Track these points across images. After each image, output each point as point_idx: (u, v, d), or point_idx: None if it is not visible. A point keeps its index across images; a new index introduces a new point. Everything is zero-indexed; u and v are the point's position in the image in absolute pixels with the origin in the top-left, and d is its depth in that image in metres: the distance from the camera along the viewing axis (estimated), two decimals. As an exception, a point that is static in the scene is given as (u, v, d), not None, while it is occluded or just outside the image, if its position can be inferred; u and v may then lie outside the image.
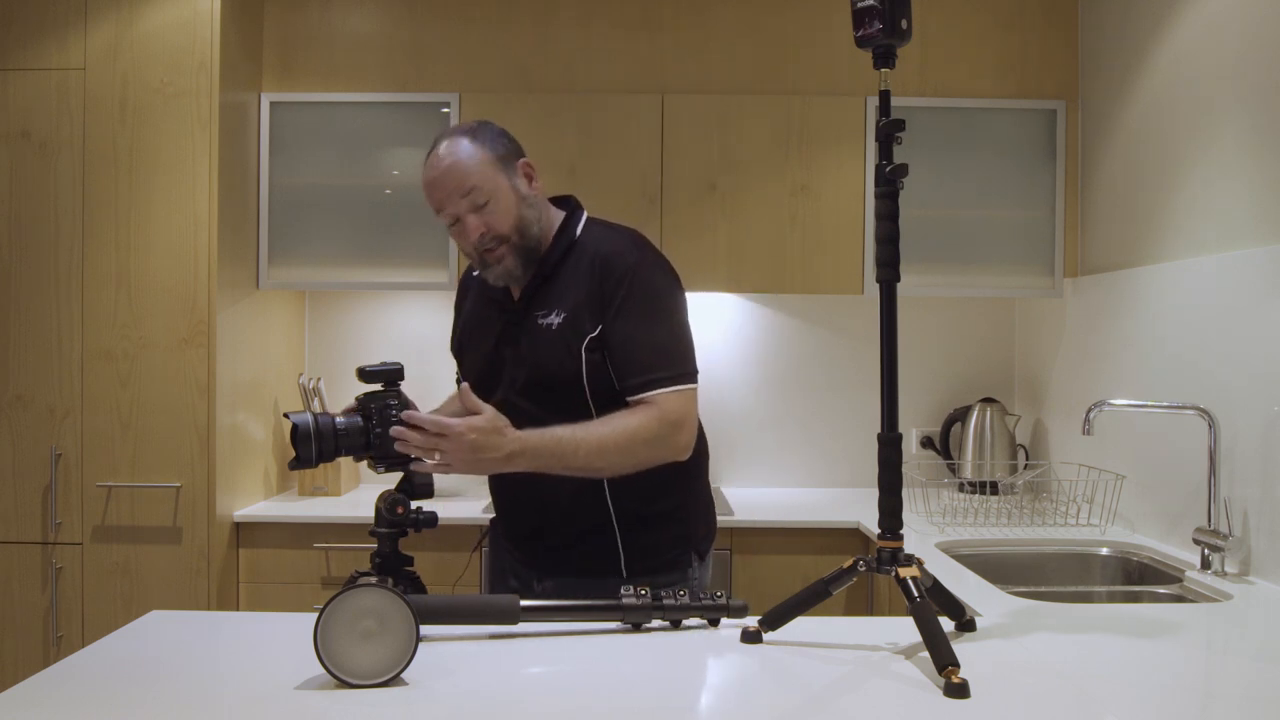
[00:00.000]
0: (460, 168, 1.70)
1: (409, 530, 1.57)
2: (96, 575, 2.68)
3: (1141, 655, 1.48)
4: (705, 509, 1.89)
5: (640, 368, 1.68)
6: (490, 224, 1.71)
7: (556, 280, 1.75)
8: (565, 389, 1.71)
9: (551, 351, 1.71)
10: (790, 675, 1.34)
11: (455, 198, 1.70)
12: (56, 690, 1.27)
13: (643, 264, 1.73)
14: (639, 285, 1.70)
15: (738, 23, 3.02)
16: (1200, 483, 2.18)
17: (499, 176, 1.71)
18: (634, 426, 1.64)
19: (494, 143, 1.74)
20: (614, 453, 1.63)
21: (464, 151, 1.71)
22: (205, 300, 2.68)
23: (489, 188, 1.70)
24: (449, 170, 1.70)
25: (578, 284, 1.73)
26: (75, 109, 2.68)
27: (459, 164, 1.70)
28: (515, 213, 1.72)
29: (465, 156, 1.70)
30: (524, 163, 1.77)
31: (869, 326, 3.30)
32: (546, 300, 1.74)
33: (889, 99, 1.46)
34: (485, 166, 1.71)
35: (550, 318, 1.72)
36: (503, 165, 1.73)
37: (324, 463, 1.57)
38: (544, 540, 1.81)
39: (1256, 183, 2.14)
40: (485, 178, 1.70)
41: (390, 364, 1.61)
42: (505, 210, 1.71)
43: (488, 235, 1.71)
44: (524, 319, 1.76)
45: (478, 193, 1.70)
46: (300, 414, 1.54)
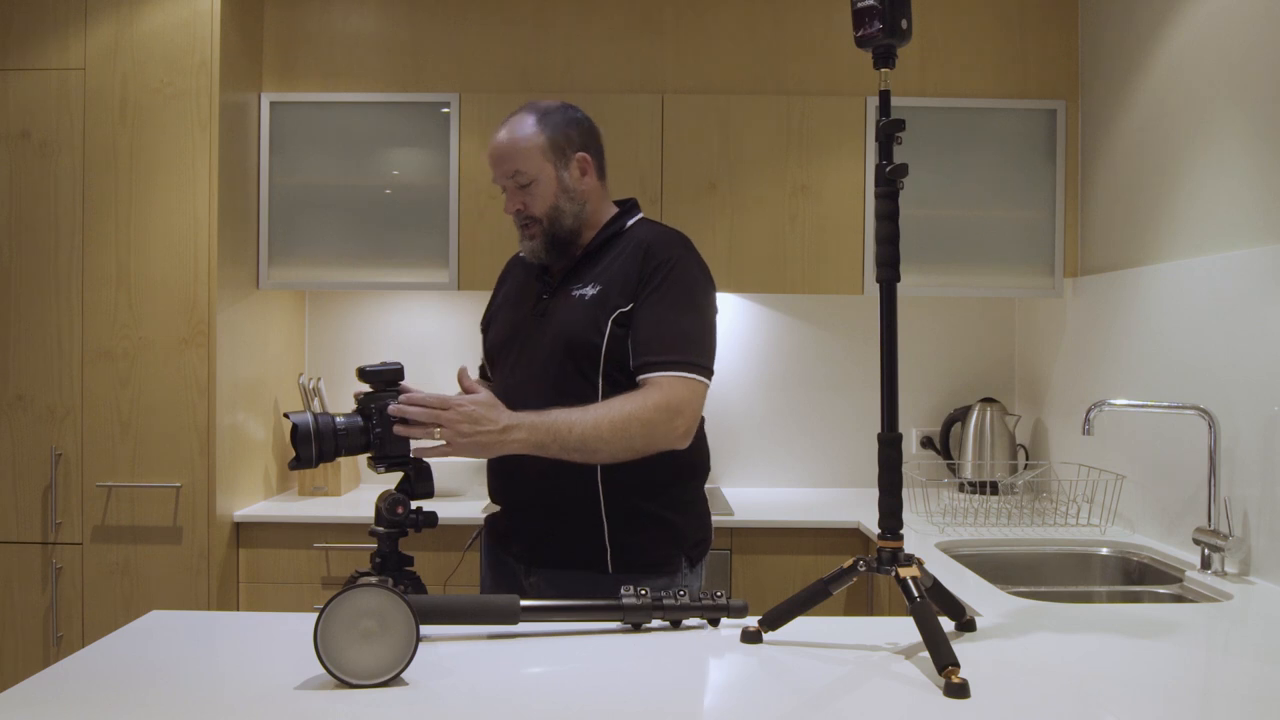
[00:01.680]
0: (512, 147, 1.79)
1: (409, 530, 1.57)
2: (96, 575, 2.68)
3: (1141, 655, 1.48)
4: (699, 515, 1.88)
5: (655, 348, 1.71)
6: (527, 204, 1.80)
7: (597, 261, 1.82)
8: (583, 358, 1.74)
9: (579, 319, 1.75)
10: (790, 675, 1.34)
11: (503, 172, 1.81)
12: (56, 690, 1.27)
13: (685, 257, 1.80)
14: (677, 273, 1.76)
15: (738, 23, 3.03)
16: (1200, 483, 2.18)
17: (546, 164, 1.80)
18: (631, 408, 1.65)
19: (556, 130, 1.81)
20: (609, 432, 1.64)
21: (523, 132, 1.80)
22: (205, 300, 2.68)
23: (532, 172, 1.79)
24: (504, 145, 1.80)
25: (617, 263, 1.79)
26: (75, 109, 2.68)
27: (514, 143, 1.79)
28: (552, 201, 1.80)
29: (521, 137, 1.79)
30: (582, 156, 1.83)
31: (869, 326, 3.30)
32: (583, 276, 1.81)
33: (889, 99, 1.45)
34: (535, 152, 1.79)
35: (584, 289, 1.78)
36: (554, 154, 1.80)
37: (324, 463, 1.57)
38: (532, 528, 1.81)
39: (1256, 183, 2.14)
40: (531, 162, 1.79)
41: (390, 364, 1.61)
42: (542, 196, 1.80)
43: (523, 213, 1.81)
44: (559, 292, 1.82)
45: (521, 175, 1.79)
46: (300, 414, 1.55)
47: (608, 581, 1.73)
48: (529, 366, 1.80)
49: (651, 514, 1.78)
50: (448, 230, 2.95)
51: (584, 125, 1.85)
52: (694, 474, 1.87)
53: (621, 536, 1.76)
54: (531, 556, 1.82)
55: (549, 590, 1.77)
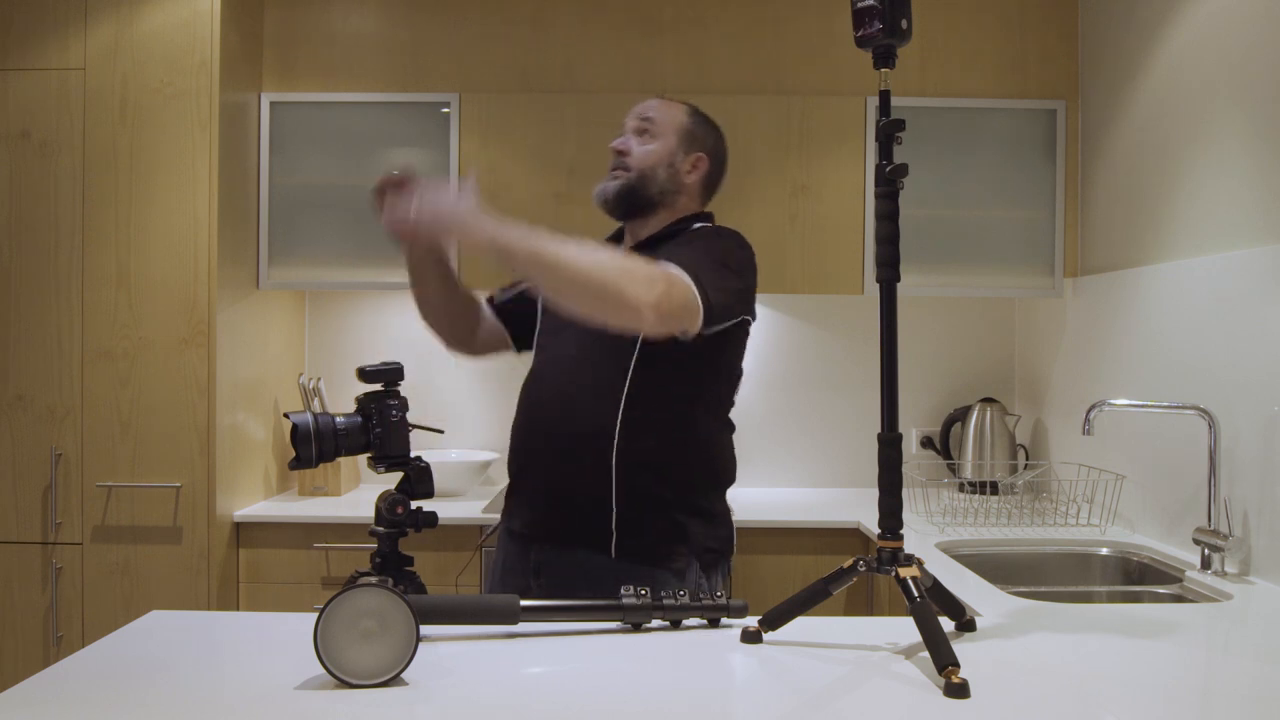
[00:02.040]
0: (659, 108, 1.89)
1: (409, 530, 1.57)
2: (96, 575, 2.68)
3: (1141, 655, 1.48)
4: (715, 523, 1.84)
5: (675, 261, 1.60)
6: (628, 150, 1.86)
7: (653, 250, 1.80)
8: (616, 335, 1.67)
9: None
10: (790, 675, 1.34)
11: (638, 113, 1.90)
12: (56, 690, 1.27)
13: (730, 234, 1.85)
14: (716, 240, 1.81)
15: (738, 23, 3.03)
16: (1200, 483, 2.18)
17: (672, 136, 1.87)
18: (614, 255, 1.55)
19: (698, 125, 1.90)
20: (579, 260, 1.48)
21: (677, 106, 1.91)
22: (205, 300, 2.68)
23: (658, 130, 1.86)
24: (652, 103, 1.91)
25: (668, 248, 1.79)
26: (75, 109, 2.68)
27: (662, 106, 1.90)
28: (652, 162, 1.85)
29: (672, 107, 1.90)
30: (698, 156, 1.89)
31: (869, 326, 3.30)
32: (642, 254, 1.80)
33: (889, 99, 1.45)
34: (671, 120, 1.88)
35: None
36: (684, 136, 1.88)
37: (324, 463, 1.57)
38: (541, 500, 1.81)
39: (1256, 183, 2.14)
40: (664, 124, 1.87)
41: (390, 364, 1.61)
42: (649, 154, 1.85)
43: (624, 155, 1.86)
44: None
45: (650, 123, 1.87)
46: (300, 414, 1.54)
47: (610, 565, 1.73)
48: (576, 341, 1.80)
49: (663, 508, 1.77)
50: (448, 230, 2.95)
51: (718, 142, 1.93)
52: (715, 481, 1.85)
53: (629, 523, 1.75)
54: (536, 531, 1.81)
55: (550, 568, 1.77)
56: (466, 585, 2.70)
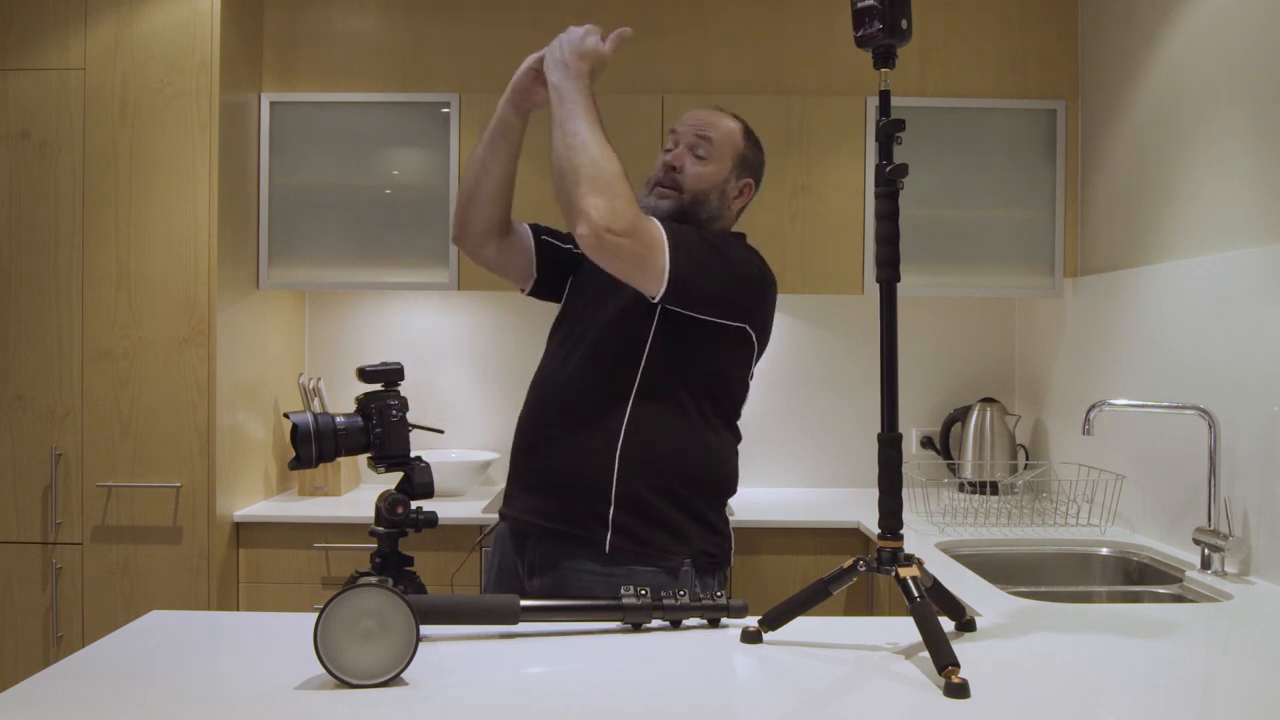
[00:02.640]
0: (719, 128, 1.85)
1: (409, 530, 1.57)
2: (96, 575, 2.68)
3: (1141, 655, 1.48)
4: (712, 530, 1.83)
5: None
6: (683, 168, 1.82)
7: None
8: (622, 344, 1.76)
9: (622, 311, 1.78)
10: (790, 675, 1.34)
11: (694, 128, 1.85)
12: (56, 690, 1.27)
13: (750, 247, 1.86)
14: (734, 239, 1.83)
15: (738, 23, 3.02)
16: (1200, 483, 2.18)
17: (727, 161, 1.85)
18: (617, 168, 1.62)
19: (751, 149, 1.90)
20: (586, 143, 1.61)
21: (733, 123, 1.88)
22: (205, 300, 2.68)
23: (714, 154, 1.84)
24: (712, 117, 1.86)
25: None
26: (75, 109, 2.68)
27: (723, 122, 1.86)
28: (704, 186, 1.84)
29: (732, 129, 1.87)
30: (747, 183, 1.89)
31: (869, 326, 3.30)
32: None
33: (889, 99, 1.45)
34: (730, 144, 1.86)
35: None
36: (737, 160, 1.87)
37: (324, 463, 1.57)
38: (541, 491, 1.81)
39: (1256, 183, 2.14)
40: (721, 148, 1.84)
41: (390, 364, 1.61)
42: (702, 176, 1.84)
43: (676, 172, 1.83)
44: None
45: (708, 146, 1.83)
46: (300, 414, 1.55)
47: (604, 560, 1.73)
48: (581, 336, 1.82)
49: (661, 509, 1.76)
50: (448, 230, 2.95)
51: (762, 164, 1.94)
52: (716, 489, 1.85)
53: (626, 519, 1.74)
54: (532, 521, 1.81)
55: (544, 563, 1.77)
56: (465, 585, 2.70)
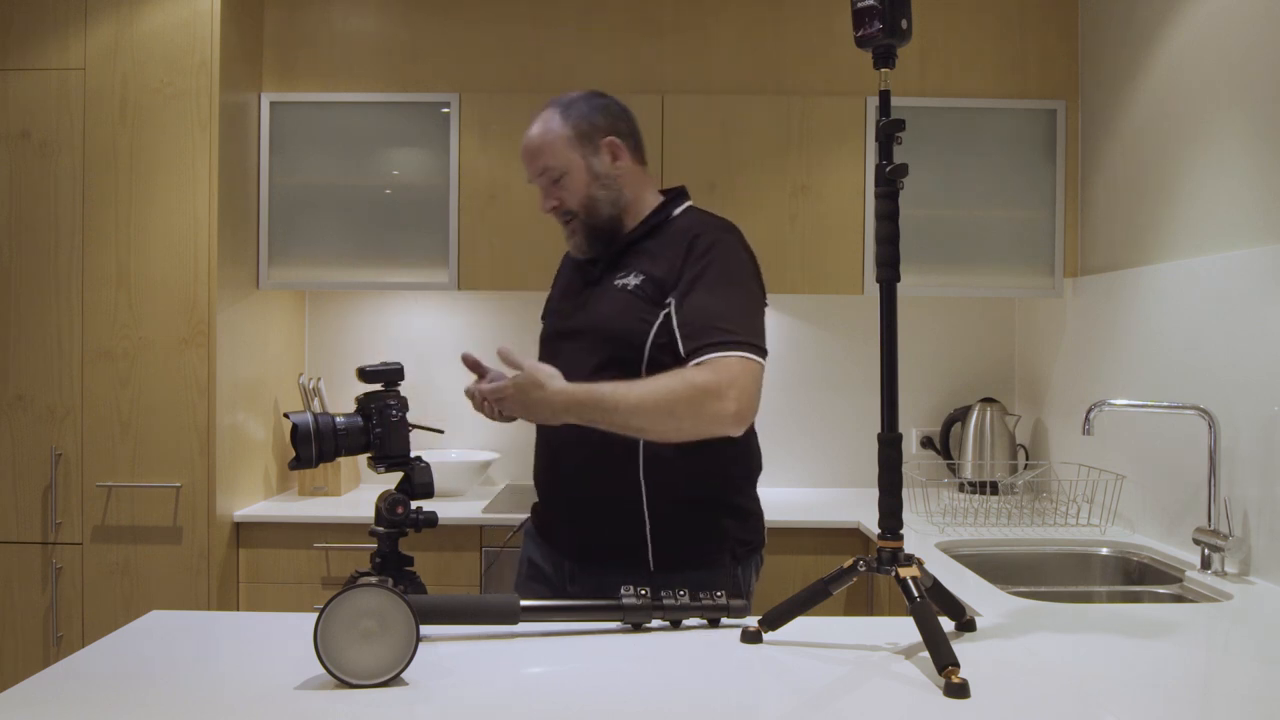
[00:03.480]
0: (540, 144, 1.81)
1: (409, 530, 1.57)
2: (96, 575, 2.68)
3: (1141, 655, 1.48)
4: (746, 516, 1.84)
5: (702, 330, 1.66)
6: (562, 199, 1.81)
7: (639, 250, 1.80)
8: (625, 348, 1.73)
9: (622, 310, 1.74)
10: (790, 675, 1.34)
11: (535, 170, 1.82)
12: (56, 690, 1.27)
13: (728, 240, 1.78)
14: (719, 254, 1.73)
15: (738, 23, 3.03)
16: (1200, 483, 2.18)
17: (574, 155, 1.80)
18: (676, 385, 1.60)
19: (580, 118, 1.81)
20: (653, 410, 1.59)
21: (549, 127, 1.81)
22: (205, 300, 2.68)
23: (561, 165, 1.80)
24: (532, 143, 1.82)
25: (660, 251, 1.77)
26: (75, 109, 2.68)
27: (541, 140, 1.81)
28: (585, 192, 1.80)
29: (548, 133, 1.80)
30: (610, 141, 1.81)
31: (869, 326, 3.30)
32: (626, 265, 1.79)
33: (889, 99, 1.45)
34: (560, 144, 1.80)
35: (627, 279, 1.76)
36: (581, 143, 1.80)
37: (324, 463, 1.57)
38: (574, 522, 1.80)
39: (1256, 183, 2.14)
40: (559, 156, 1.79)
41: (390, 364, 1.61)
42: (575, 188, 1.80)
43: (560, 209, 1.81)
44: (601, 282, 1.81)
45: (551, 170, 1.80)
46: (300, 414, 1.55)
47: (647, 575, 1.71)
48: (570, 358, 1.77)
49: (695, 512, 1.76)
50: (448, 230, 2.95)
51: (612, 109, 1.84)
52: (747, 473, 1.85)
53: (663, 533, 1.74)
54: (574, 550, 1.81)
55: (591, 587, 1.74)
56: (465, 585, 2.71)
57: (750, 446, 1.86)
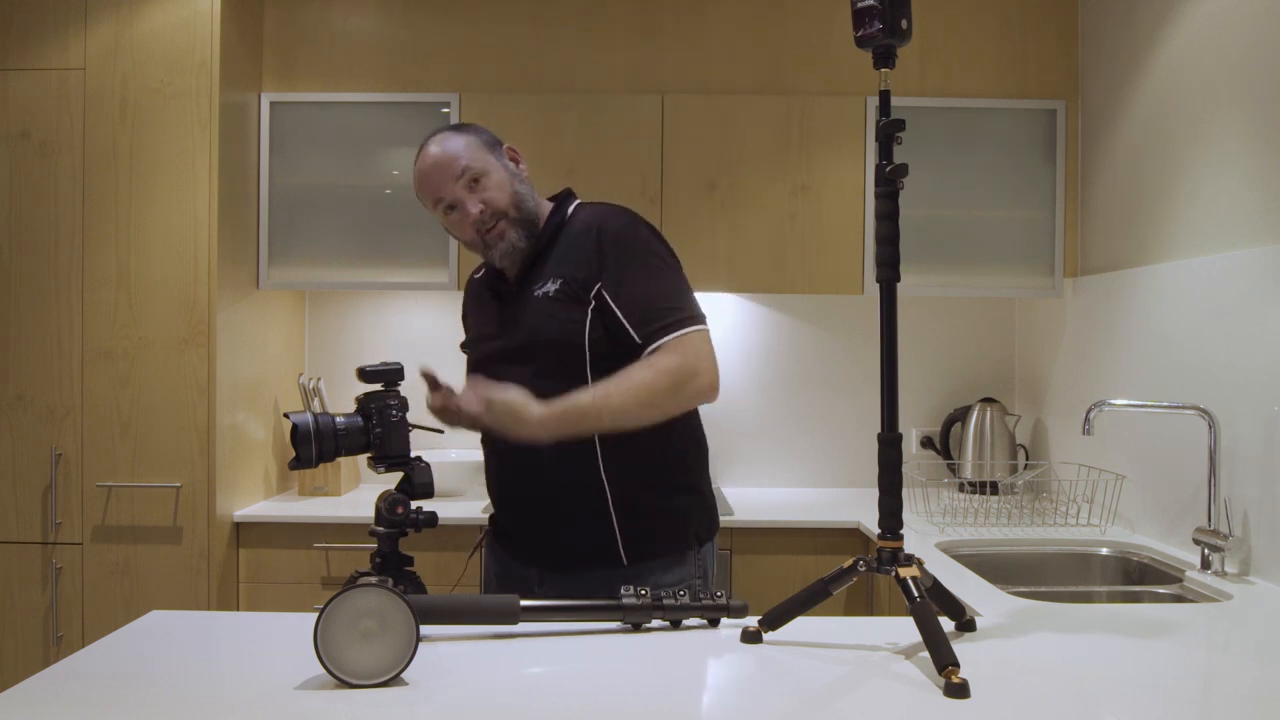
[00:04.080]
0: (452, 152, 1.78)
1: (409, 530, 1.57)
2: (96, 575, 2.68)
3: (1141, 655, 1.48)
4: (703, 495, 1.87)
5: (651, 316, 1.71)
6: (488, 200, 1.78)
7: (549, 256, 1.81)
8: (565, 352, 1.73)
9: (548, 316, 1.74)
10: (790, 675, 1.34)
11: (450, 182, 1.77)
12: (56, 690, 1.27)
13: (636, 224, 1.81)
14: (636, 242, 1.77)
15: (738, 23, 3.02)
16: (1200, 483, 2.18)
17: (489, 157, 1.81)
18: (653, 378, 1.65)
19: (479, 132, 1.84)
20: (637, 407, 1.65)
21: (453, 140, 1.80)
22: (205, 300, 2.68)
23: (480, 166, 1.78)
24: (442, 157, 1.78)
25: (570, 252, 1.78)
26: (75, 109, 2.68)
27: (451, 149, 1.79)
28: (510, 188, 1.80)
29: (455, 144, 1.79)
30: (508, 147, 1.86)
31: (869, 326, 3.30)
32: (541, 275, 1.79)
33: (889, 99, 1.46)
34: (475, 149, 1.80)
35: (545, 286, 1.76)
36: (490, 148, 1.82)
37: (324, 463, 1.58)
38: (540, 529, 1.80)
39: (1256, 183, 2.14)
40: (476, 158, 1.79)
41: (390, 364, 1.61)
42: (500, 185, 1.79)
43: (486, 212, 1.79)
44: (519, 296, 1.81)
45: (471, 172, 1.77)
46: (300, 414, 1.55)
47: (623, 574, 1.72)
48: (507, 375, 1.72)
49: (660, 499, 1.78)
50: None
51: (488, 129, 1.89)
52: (695, 453, 1.87)
53: (631, 526, 1.75)
54: (542, 559, 1.80)
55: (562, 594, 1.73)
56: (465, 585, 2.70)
57: (694, 424, 1.87)
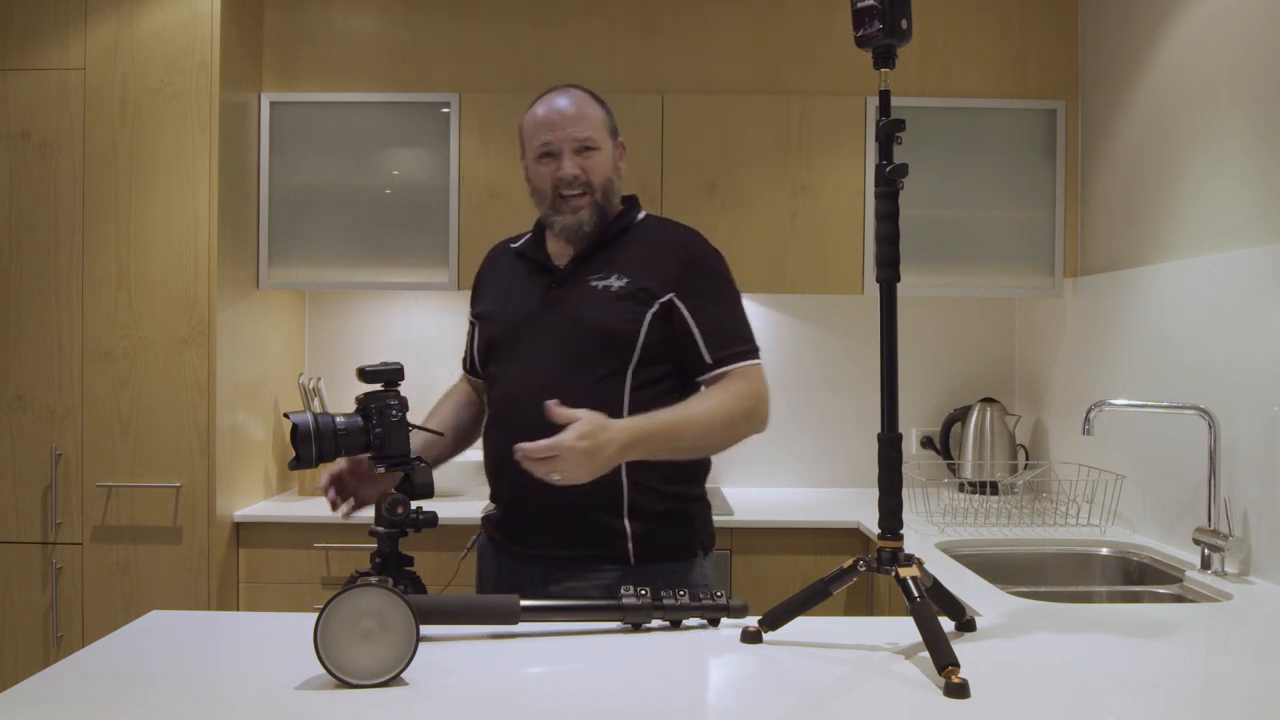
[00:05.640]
0: (586, 114, 1.82)
1: (409, 530, 1.57)
2: (96, 575, 2.68)
3: (1141, 655, 1.48)
4: (706, 505, 1.90)
5: (726, 341, 1.78)
6: (587, 170, 1.80)
7: (613, 250, 1.82)
8: (615, 348, 1.74)
9: (609, 311, 1.75)
10: (790, 675, 1.34)
11: (566, 136, 1.80)
12: (56, 690, 1.27)
13: (715, 253, 1.87)
14: (715, 269, 1.84)
15: (738, 23, 3.02)
16: (1200, 483, 2.18)
17: (608, 138, 1.84)
18: (732, 402, 1.71)
19: (608, 112, 1.88)
20: (719, 429, 1.69)
21: (588, 107, 1.84)
22: (205, 300, 2.68)
23: (598, 142, 1.82)
24: (572, 111, 1.81)
25: (641, 255, 1.81)
26: (75, 109, 2.68)
27: (587, 111, 1.82)
28: (607, 174, 1.84)
29: (591, 109, 1.83)
30: (622, 142, 1.89)
31: (869, 326, 3.30)
32: (602, 266, 1.80)
33: (889, 99, 1.45)
34: (601, 125, 1.84)
35: (609, 280, 1.77)
36: (611, 133, 1.86)
37: (324, 463, 1.57)
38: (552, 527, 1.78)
39: (1256, 183, 2.14)
40: (599, 133, 1.83)
41: (390, 364, 1.61)
42: (602, 166, 1.82)
43: (580, 179, 1.80)
44: (571, 281, 1.81)
45: (589, 140, 1.80)
46: (300, 414, 1.55)
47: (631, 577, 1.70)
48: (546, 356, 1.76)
49: (669, 506, 1.79)
50: (448, 230, 2.95)
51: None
52: (705, 466, 1.88)
53: (642, 530, 1.75)
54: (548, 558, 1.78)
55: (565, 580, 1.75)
56: (465, 585, 2.70)
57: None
